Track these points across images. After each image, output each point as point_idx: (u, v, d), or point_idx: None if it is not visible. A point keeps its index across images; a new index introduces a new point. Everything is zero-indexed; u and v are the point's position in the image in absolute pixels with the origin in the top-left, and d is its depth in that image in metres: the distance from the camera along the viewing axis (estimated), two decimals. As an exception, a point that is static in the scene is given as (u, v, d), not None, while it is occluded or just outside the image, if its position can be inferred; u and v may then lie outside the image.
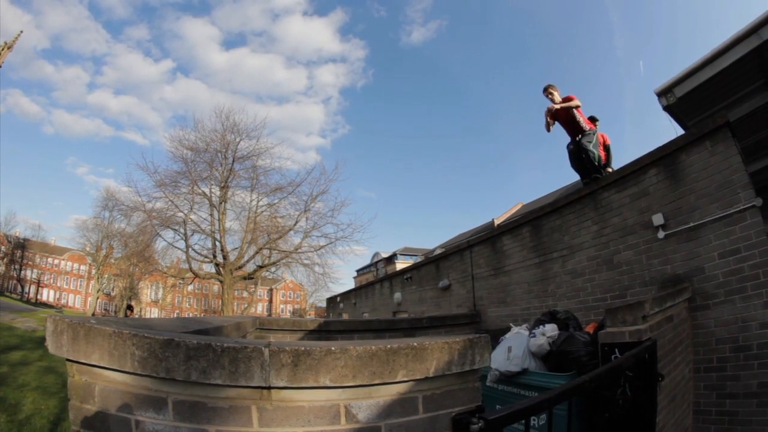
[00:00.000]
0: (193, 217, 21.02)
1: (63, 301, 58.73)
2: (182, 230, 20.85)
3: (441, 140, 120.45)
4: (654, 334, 2.93)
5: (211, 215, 21.58)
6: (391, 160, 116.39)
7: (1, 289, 49.58)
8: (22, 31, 32.91)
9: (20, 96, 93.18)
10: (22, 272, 55.76)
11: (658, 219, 4.53)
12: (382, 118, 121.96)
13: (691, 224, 4.21)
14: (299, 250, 22.48)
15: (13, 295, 46.17)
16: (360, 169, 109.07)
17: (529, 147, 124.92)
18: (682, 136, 4.68)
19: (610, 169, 7.20)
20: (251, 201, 22.51)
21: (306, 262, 22.58)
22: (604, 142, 7.87)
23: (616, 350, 2.89)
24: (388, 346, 1.39)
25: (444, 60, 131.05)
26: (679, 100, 6.26)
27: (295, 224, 22.38)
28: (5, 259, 55.03)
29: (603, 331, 3.23)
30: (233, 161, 21.47)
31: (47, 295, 58.46)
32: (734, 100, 5.86)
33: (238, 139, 21.54)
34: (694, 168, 4.32)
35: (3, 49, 30.39)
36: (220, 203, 21.63)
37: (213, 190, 21.58)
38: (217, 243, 21.79)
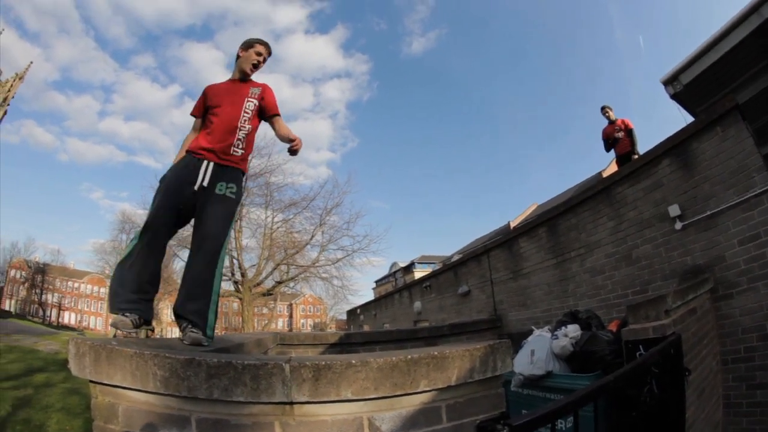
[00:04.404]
0: None
1: (84, 324, 59.52)
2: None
3: (450, 146, 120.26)
4: (678, 328, 2.88)
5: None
6: (401, 169, 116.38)
7: (24, 313, 50.38)
8: (32, 62, 34.25)
9: (33, 126, 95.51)
10: (43, 296, 56.64)
11: (674, 210, 4.45)
12: (390, 128, 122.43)
13: (708, 213, 4.13)
14: (317, 264, 22.56)
15: (35, 319, 46.78)
16: (371, 181, 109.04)
17: (540, 147, 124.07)
18: (691, 123, 4.62)
19: (635, 156, 7.15)
20: (266, 218, 22.67)
21: (324, 275, 22.66)
22: (626, 127, 7.80)
23: (641, 347, 2.85)
24: (409, 356, 1.39)
25: (447, 67, 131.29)
26: (685, 87, 6.18)
27: (311, 239, 22.50)
28: (26, 284, 56.18)
29: (626, 329, 3.19)
30: (246, 180, 21.62)
31: (69, 318, 59.38)
32: (742, 82, 5.75)
33: (250, 158, 21.76)
34: (707, 155, 4.25)
35: (14, 80, 31.40)
36: (236, 221, 21.85)
37: (229, 208, 21.78)
38: (235, 261, 21.98)
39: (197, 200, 2.46)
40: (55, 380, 10.57)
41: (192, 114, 2.85)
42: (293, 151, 2.74)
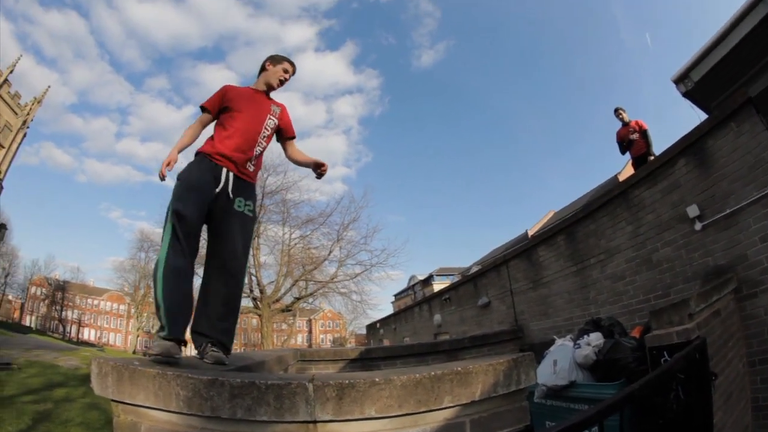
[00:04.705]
0: None
1: (104, 340, 60.41)
2: None
3: (464, 157, 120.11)
4: (702, 332, 2.83)
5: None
6: (416, 182, 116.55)
7: (44, 329, 51.26)
8: (49, 86, 35.33)
9: (52, 148, 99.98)
10: (64, 313, 57.67)
11: (693, 210, 4.38)
12: (403, 142, 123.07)
13: (728, 211, 4.04)
14: (335, 280, 22.65)
15: (55, 335, 47.50)
16: (387, 195, 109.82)
17: (554, 153, 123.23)
18: (705, 121, 4.55)
19: (651, 157, 7.09)
20: (284, 234, 22.94)
21: (343, 290, 22.74)
22: (640, 128, 7.72)
23: (665, 353, 2.80)
24: (432, 373, 1.40)
25: (457, 78, 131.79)
26: (696, 84, 6.12)
27: (329, 254, 22.68)
28: (47, 301, 57.37)
29: (649, 335, 3.14)
30: (263, 197, 21.94)
31: (88, 334, 60.44)
32: (753, 74, 5.65)
33: (265, 175, 22.04)
34: (723, 152, 4.18)
35: (33, 104, 32.42)
36: (254, 238, 22.04)
37: (246, 226, 22.05)
38: (253, 278, 22.21)
39: (215, 205, 2.37)
40: (74, 395, 10.71)
41: (204, 106, 2.65)
42: (320, 175, 2.73)
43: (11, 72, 30.17)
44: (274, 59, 2.80)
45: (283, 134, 2.81)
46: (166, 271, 2.08)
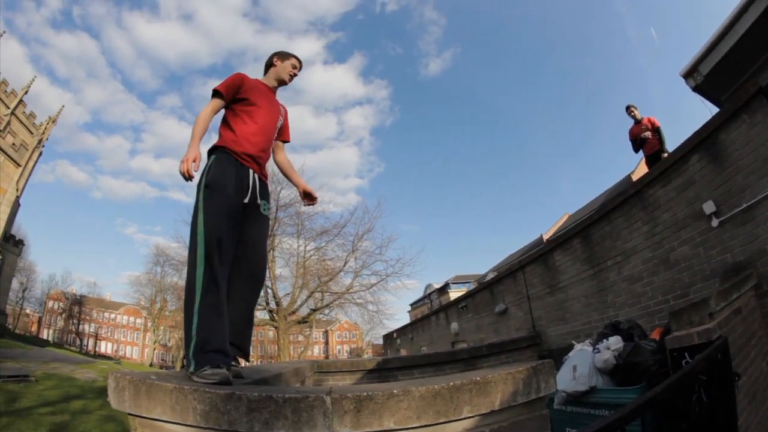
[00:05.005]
0: None
1: (121, 353, 60.91)
2: None
3: (477, 163, 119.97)
4: (724, 331, 2.77)
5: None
6: (429, 190, 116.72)
7: (61, 342, 51.67)
8: (63, 106, 36.20)
9: (67, 166, 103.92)
10: (81, 326, 58.33)
11: (709, 207, 4.30)
12: (415, 150, 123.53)
13: (744, 205, 3.94)
14: (351, 290, 22.66)
15: (72, 348, 47.86)
16: (401, 204, 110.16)
17: (566, 155, 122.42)
18: (716, 114, 4.48)
19: (665, 154, 7.00)
20: (298, 246, 23.05)
21: (359, 301, 22.73)
22: (653, 125, 7.64)
23: (686, 354, 2.75)
24: (451, 383, 1.39)
25: (466, 84, 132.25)
26: (706, 77, 6.03)
27: (344, 265, 22.70)
28: (64, 315, 58.20)
29: (670, 336, 3.08)
30: (276, 210, 22.07)
31: (105, 347, 60.94)
32: (763, 63, 5.54)
33: (279, 188, 22.17)
34: (736, 145, 4.10)
35: (48, 123, 33.27)
36: (269, 251, 22.19)
37: (261, 239, 22.19)
38: (269, 290, 22.31)
39: (243, 212, 2.23)
40: (91, 407, 10.74)
41: (218, 90, 2.38)
42: (308, 205, 2.71)
43: (26, 93, 31.15)
44: (282, 55, 2.72)
45: (282, 135, 2.72)
46: (202, 307, 1.91)
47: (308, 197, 2.67)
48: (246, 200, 2.21)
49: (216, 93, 2.38)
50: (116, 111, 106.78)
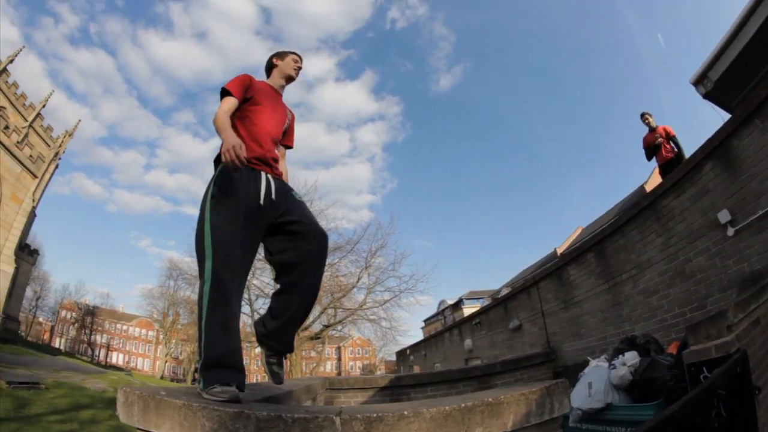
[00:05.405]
0: (256, 282, 21.67)
1: (132, 365, 61.27)
2: (246, 295, 21.49)
3: (489, 178, 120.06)
4: (742, 344, 2.65)
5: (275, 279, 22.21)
6: (442, 206, 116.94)
7: (73, 351, 51.82)
8: (80, 120, 37.15)
9: (83, 179, 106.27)
10: (93, 336, 58.61)
11: (724, 216, 4.17)
12: (427, 166, 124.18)
13: (760, 213, 3.82)
14: (364, 307, 22.56)
15: (84, 358, 47.81)
16: (413, 220, 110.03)
17: (577, 168, 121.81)
18: (728, 121, 4.40)
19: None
20: (312, 263, 22.94)
21: (372, 317, 22.62)
22: (667, 134, 7.51)
23: (704, 369, 2.64)
24: (463, 404, 1.37)
25: (476, 99, 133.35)
26: (716, 84, 5.94)
27: (357, 281, 22.63)
28: (76, 325, 58.50)
29: (687, 351, 2.96)
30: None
31: (116, 358, 61.27)
32: None
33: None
34: (750, 151, 3.99)
35: (64, 137, 34.15)
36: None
37: (273, 255, 22.26)
38: (283, 306, 22.20)
39: (266, 214, 2.13)
40: (101, 417, 10.73)
41: (228, 89, 2.26)
42: None
43: (44, 106, 32.15)
44: (279, 54, 2.67)
45: (284, 141, 2.64)
46: (210, 323, 1.85)
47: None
48: (261, 202, 2.09)
49: (226, 91, 2.27)
50: (132, 126, 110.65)
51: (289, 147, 2.72)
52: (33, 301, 51.09)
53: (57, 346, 52.62)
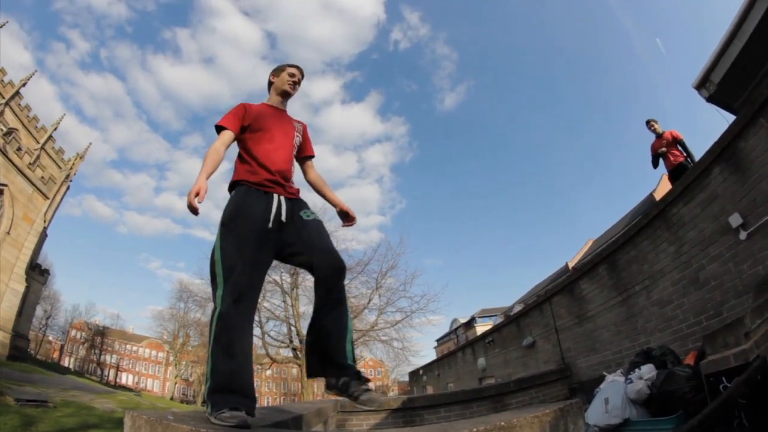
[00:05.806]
0: (266, 304, 21.64)
1: (141, 385, 60.63)
2: (257, 317, 21.41)
3: (497, 195, 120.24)
4: (762, 350, 2.54)
5: (284, 301, 22.35)
6: (451, 224, 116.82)
7: (82, 371, 51.44)
8: (90, 143, 37.55)
9: (94, 201, 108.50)
10: (102, 357, 58.40)
11: (735, 220, 4.07)
12: (435, 185, 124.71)
13: (771, 213, 3.72)
14: (376, 328, 22.30)
15: (93, 377, 47.38)
16: (423, 239, 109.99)
17: (586, 180, 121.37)
18: (733, 123, 4.32)
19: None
20: (323, 284, 22.91)
21: (384, 338, 22.34)
22: (675, 139, 7.41)
23: (723, 378, 2.53)
24: (474, 429, 1.32)
25: (481, 116, 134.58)
26: (718, 86, 5.87)
27: (368, 302, 22.41)
28: (86, 344, 58.34)
29: (705, 361, 2.87)
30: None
31: (126, 379, 60.75)
32: None
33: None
34: (757, 152, 3.91)
35: (75, 159, 34.63)
36: (292, 289, 22.34)
37: (284, 277, 22.31)
38: (293, 328, 22.29)
39: (273, 239, 2.12)
40: None
41: (223, 125, 2.32)
42: (347, 225, 2.59)
43: (55, 129, 32.78)
44: (276, 70, 2.66)
45: (304, 152, 2.63)
46: (216, 349, 1.86)
47: (346, 217, 2.57)
48: (270, 225, 2.09)
49: (220, 128, 2.33)
50: (142, 150, 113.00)
51: (311, 156, 2.69)
52: (43, 320, 51.18)
53: (66, 365, 52.44)
